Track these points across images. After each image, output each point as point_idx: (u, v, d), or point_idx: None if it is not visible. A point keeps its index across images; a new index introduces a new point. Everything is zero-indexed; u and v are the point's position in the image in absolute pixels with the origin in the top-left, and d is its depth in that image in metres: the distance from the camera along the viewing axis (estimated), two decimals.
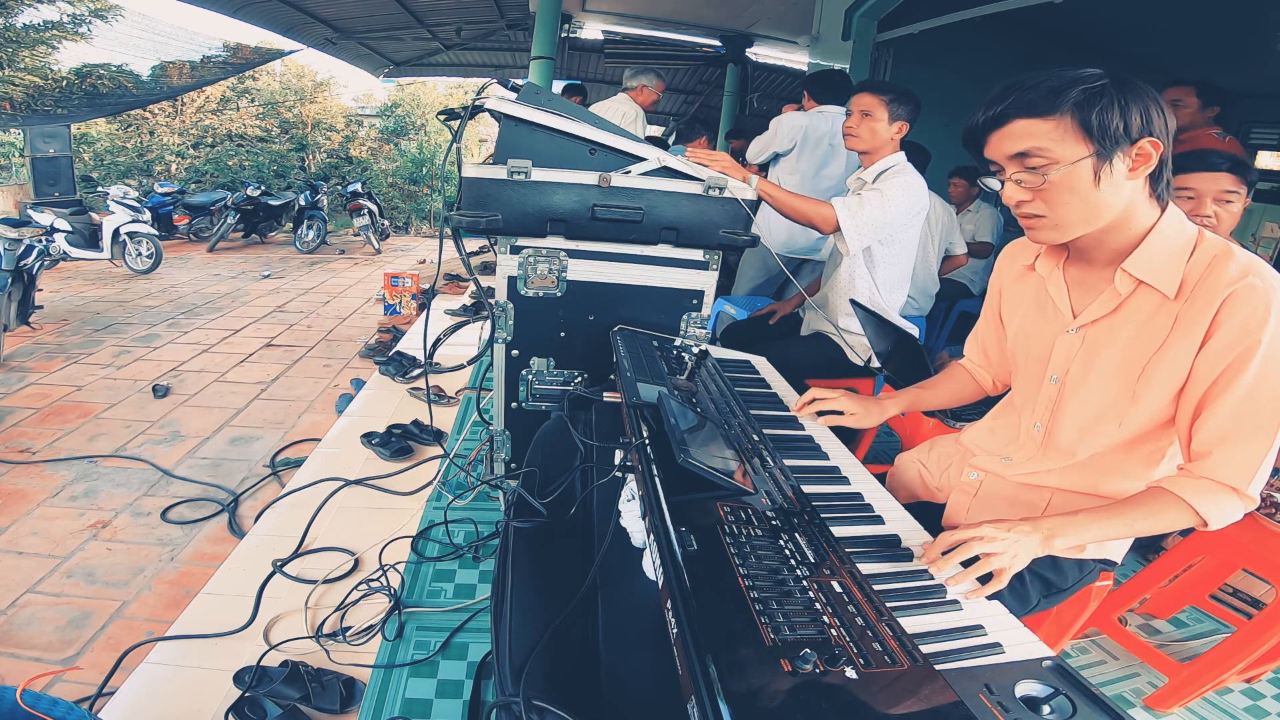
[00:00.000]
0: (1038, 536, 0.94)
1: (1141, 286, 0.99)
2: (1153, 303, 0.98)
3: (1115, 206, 0.95)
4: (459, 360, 2.17)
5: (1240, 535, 1.60)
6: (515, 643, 0.92)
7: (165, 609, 1.91)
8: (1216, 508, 0.94)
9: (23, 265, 4.25)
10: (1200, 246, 0.96)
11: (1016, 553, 0.93)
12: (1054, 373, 1.11)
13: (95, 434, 3.03)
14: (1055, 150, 0.92)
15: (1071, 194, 0.94)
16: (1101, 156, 0.90)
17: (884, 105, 2.00)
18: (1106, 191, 0.93)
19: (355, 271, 7.36)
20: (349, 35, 7.79)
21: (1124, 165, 0.92)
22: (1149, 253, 0.97)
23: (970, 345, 1.42)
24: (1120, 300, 1.01)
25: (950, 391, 1.43)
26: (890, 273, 2.15)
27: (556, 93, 3.42)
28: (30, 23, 8.45)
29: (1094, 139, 0.90)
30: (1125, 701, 1.59)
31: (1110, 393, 1.04)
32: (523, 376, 1.76)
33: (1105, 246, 1.01)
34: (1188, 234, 0.97)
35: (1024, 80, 0.94)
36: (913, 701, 0.61)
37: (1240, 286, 0.90)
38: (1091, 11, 4.32)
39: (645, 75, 3.76)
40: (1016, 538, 0.93)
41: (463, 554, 1.90)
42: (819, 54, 5.13)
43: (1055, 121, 0.91)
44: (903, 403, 1.41)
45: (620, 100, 3.76)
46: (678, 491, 0.87)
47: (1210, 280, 0.92)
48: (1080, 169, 0.91)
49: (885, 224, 1.99)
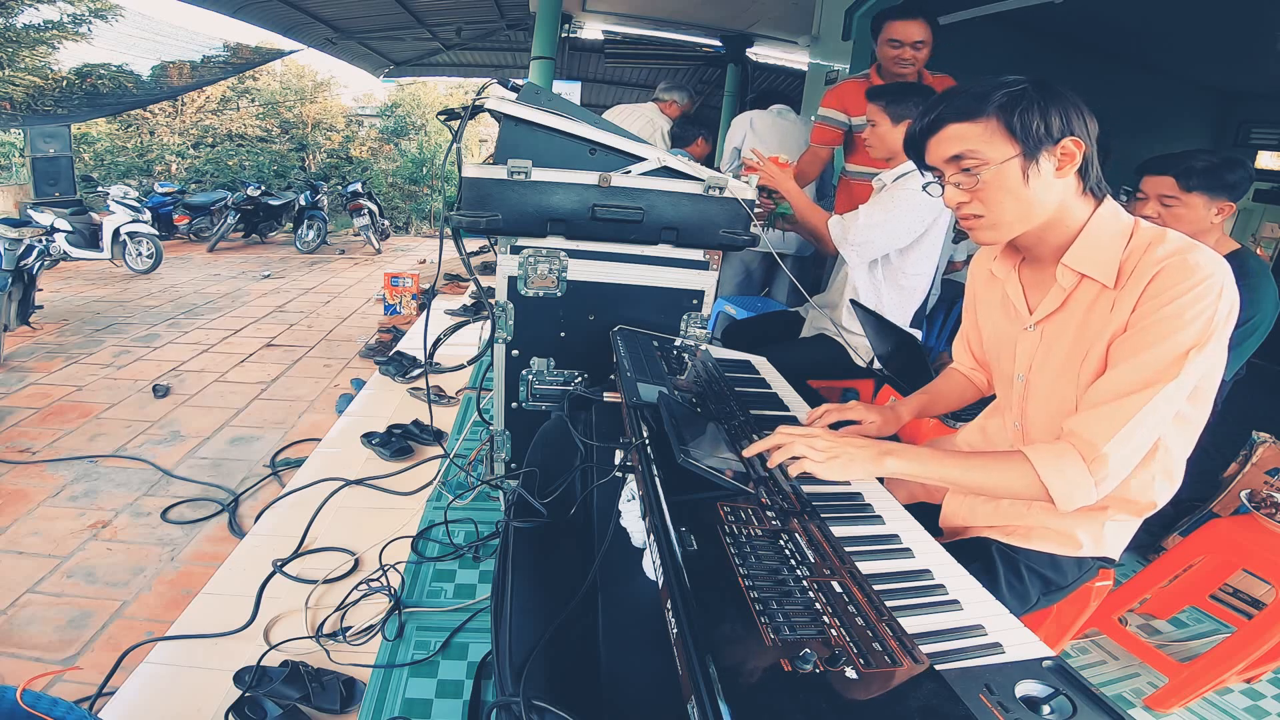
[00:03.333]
0: (870, 452, 0.97)
1: (1084, 279, 1.02)
2: (1094, 293, 1.01)
3: (1048, 204, 0.99)
4: (459, 360, 2.16)
5: (1240, 535, 1.60)
6: (515, 643, 0.92)
7: (165, 609, 1.91)
8: (1061, 477, 0.94)
9: (23, 265, 4.25)
10: (1136, 234, 0.99)
11: (837, 455, 0.96)
12: (1019, 371, 1.14)
13: (95, 434, 3.03)
14: (986, 151, 0.97)
15: (1004, 193, 0.98)
16: (1028, 155, 0.96)
17: (883, 110, 2.00)
18: (1037, 189, 0.97)
19: (355, 271, 7.36)
20: (349, 35, 7.78)
21: (1050, 164, 0.97)
22: (1085, 245, 1.01)
23: (957, 349, 1.44)
24: (1066, 294, 1.04)
25: (954, 394, 1.44)
26: (910, 282, 2.13)
27: (558, 95, 3.41)
28: (30, 23, 8.45)
29: (1019, 139, 0.95)
30: (1125, 701, 1.59)
31: (1065, 384, 1.06)
32: (523, 376, 1.76)
33: (1046, 243, 1.05)
34: (1123, 223, 1.00)
35: (954, 89, 1.00)
36: (913, 701, 0.61)
37: (1171, 261, 0.91)
38: (1091, 11, 4.32)
39: (679, 92, 3.87)
40: (842, 449, 0.97)
41: (463, 554, 1.90)
42: (819, 54, 5.13)
43: (983, 124, 0.97)
44: (913, 408, 1.41)
45: (649, 109, 3.84)
46: (678, 491, 0.87)
47: (1144, 262, 0.95)
48: (1009, 168, 0.97)
49: (881, 229, 1.97)
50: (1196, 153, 1.69)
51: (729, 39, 7.18)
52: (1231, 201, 1.67)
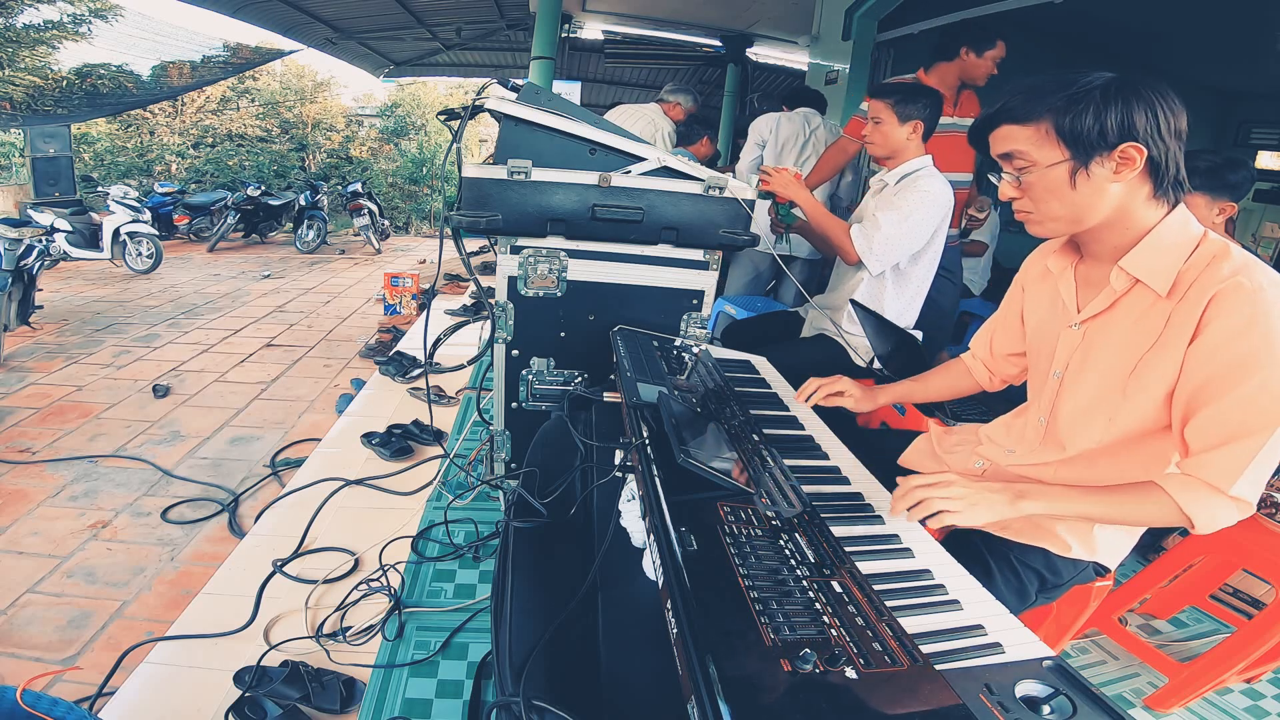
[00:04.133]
0: (1005, 496, 0.95)
1: (1137, 284, 1.01)
2: (1146, 300, 1.00)
3: (1100, 207, 0.98)
4: (459, 360, 2.16)
5: (1240, 535, 1.60)
6: (515, 643, 0.92)
7: (165, 609, 1.91)
8: (1203, 508, 0.93)
9: (23, 265, 4.25)
10: (1201, 247, 0.96)
11: (975, 503, 0.94)
12: (1057, 367, 1.14)
13: (95, 434, 3.03)
14: (1034, 154, 0.98)
15: (1050, 194, 0.99)
16: (1077, 160, 0.95)
17: (890, 108, 1.98)
18: (1085, 193, 0.97)
19: (355, 271, 7.36)
20: (349, 35, 7.79)
21: (1105, 169, 0.95)
22: (1146, 251, 0.99)
23: (978, 338, 1.43)
24: (1116, 297, 1.03)
25: (944, 384, 1.47)
26: (916, 285, 2.12)
27: (558, 94, 3.40)
28: (30, 23, 8.45)
29: (1068, 144, 0.95)
30: (1125, 701, 1.59)
31: (1103, 387, 1.05)
32: (523, 376, 1.76)
33: (1105, 243, 1.04)
34: (1190, 234, 0.98)
35: (1020, 85, 0.99)
36: (913, 701, 0.61)
37: (1226, 285, 0.90)
38: (1092, 11, 4.32)
39: (684, 95, 3.86)
40: (979, 495, 0.95)
41: (463, 554, 1.90)
42: (819, 54, 5.13)
43: (1034, 128, 0.97)
44: (894, 394, 1.49)
45: (653, 110, 3.81)
46: (678, 491, 0.87)
47: (1203, 280, 0.93)
48: (1055, 172, 0.97)
49: (904, 238, 1.96)
50: (1198, 153, 1.69)
51: (729, 39, 7.19)
52: (1233, 201, 1.67)
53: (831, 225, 2.05)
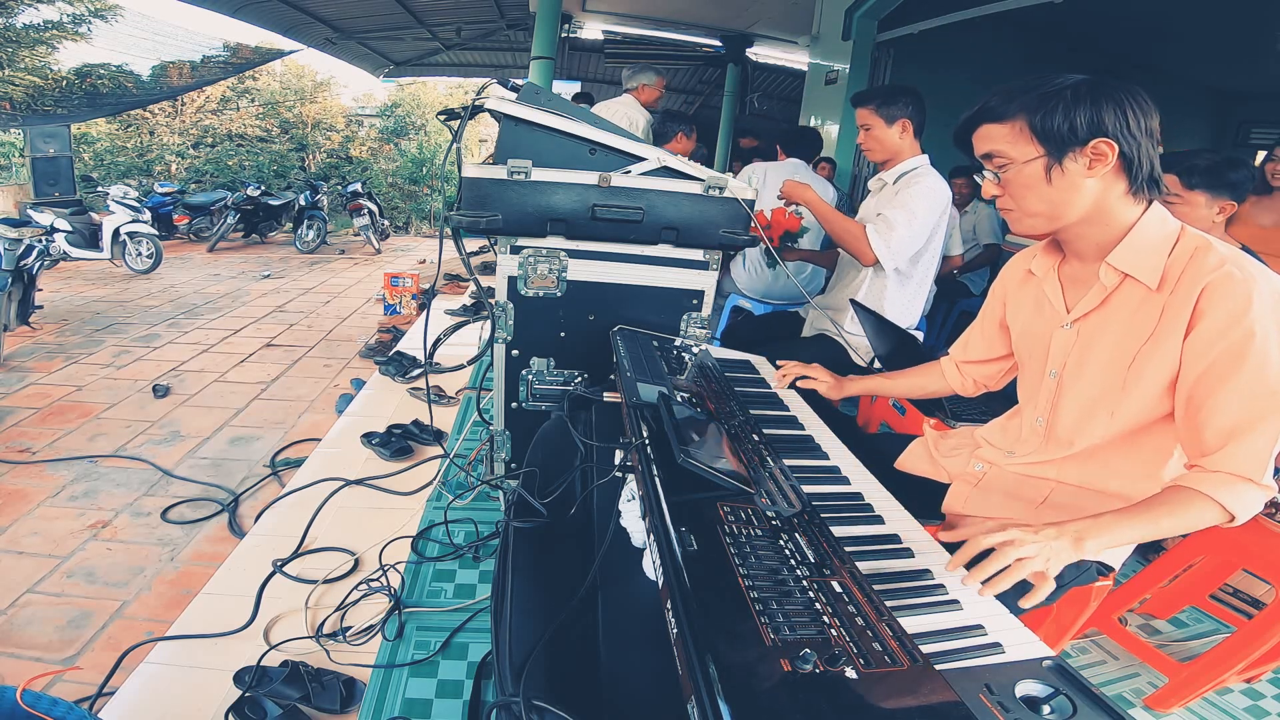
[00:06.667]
0: (1067, 539, 0.91)
1: (1126, 279, 1.03)
2: (1138, 295, 1.02)
3: (1076, 203, 1.01)
4: (459, 360, 2.16)
5: (1240, 535, 1.60)
6: (515, 643, 0.92)
7: (165, 609, 1.91)
8: (1239, 500, 0.93)
9: (23, 265, 4.24)
10: (1181, 240, 0.99)
11: (1050, 555, 0.89)
12: (1052, 367, 1.15)
13: (95, 434, 3.03)
14: (1011, 151, 1.02)
15: (1027, 190, 1.02)
16: (1051, 156, 0.99)
17: (874, 112, 2.01)
18: (1061, 188, 1.00)
19: (355, 271, 7.36)
20: (349, 35, 7.80)
21: (1078, 165, 0.98)
22: (1131, 246, 1.02)
23: (957, 345, 1.46)
24: (1107, 293, 1.05)
25: (913, 382, 1.51)
26: (918, 283, 2.12)
27: (558, 95, 3.38)
28: (30, 23, 8.45)
29: (1041, 141, 0.98)
30: (1125, 701, 1.59)
31: (1103, 383, 1.07)
32: (523, 376, 1.76)
33: (1088, 241, 1.06)
34: (1170, 229, 1.01)
35: (998, 87, 1.03)
36: (913, 701, 0.61)
37: (1217, 275, 0.93)
38: (1091, 11, 4.32)
39: (644, 74, 3.72)
40: (1047, 542, 0.89)
41: (463, 554, 1.90)
42: (819, 54, 5.13)
43: (1010, 126, 1.01)
44: (863, 386, 1.56)
45: (625, 103, 3.71)
46: (678, 491, 0.87)
47: (1191, 271, 0.96)
48: (1031, 168, 1.00)
49: (914, 237, 1.99)
50: (1198, 152, 1.70)
51: (729, 39, 7.19)
52: (1234, 200, 1.67)
53: (848, 226, 2.06)
